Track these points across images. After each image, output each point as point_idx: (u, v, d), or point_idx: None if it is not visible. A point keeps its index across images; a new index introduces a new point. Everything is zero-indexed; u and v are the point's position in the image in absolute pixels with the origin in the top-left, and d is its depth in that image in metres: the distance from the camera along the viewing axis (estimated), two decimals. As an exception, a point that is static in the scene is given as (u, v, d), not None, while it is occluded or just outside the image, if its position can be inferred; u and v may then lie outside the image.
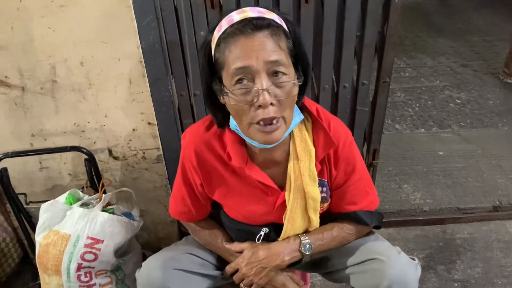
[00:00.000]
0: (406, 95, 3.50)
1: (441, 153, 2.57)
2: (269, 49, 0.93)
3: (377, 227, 1.30)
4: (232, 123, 1.08)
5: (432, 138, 2.79)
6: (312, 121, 1.16)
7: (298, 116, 1.09)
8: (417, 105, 3.34)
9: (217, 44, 0.97)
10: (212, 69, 1.01)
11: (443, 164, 2.46)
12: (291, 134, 1.13)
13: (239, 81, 0.95)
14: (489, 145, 2.67)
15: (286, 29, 0.99)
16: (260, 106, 0.94)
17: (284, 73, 0.96)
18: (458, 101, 3.38)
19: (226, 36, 0.95)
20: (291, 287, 1.26)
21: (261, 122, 0.97)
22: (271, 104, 0.95)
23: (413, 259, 1.17)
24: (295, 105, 1.06)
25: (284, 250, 1.20)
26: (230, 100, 0.97)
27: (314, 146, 1.14)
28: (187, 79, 1.56)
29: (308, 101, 1.16)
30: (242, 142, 1.13)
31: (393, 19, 1.49)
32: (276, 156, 1.15)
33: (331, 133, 1.13)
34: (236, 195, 1.20)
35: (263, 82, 0.93)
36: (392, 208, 2.12)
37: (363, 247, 1.21)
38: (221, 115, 1.10)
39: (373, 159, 1.81)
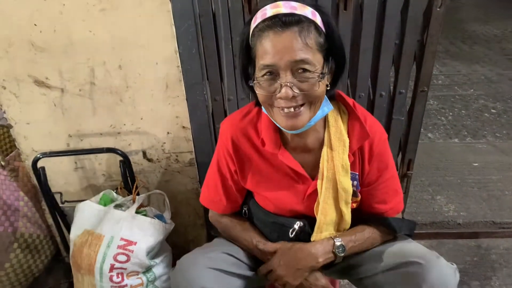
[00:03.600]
0: (439, 103, 3.44)
1: (476, 164, 2.50)
2: (296, 48, 0.97)
3: (408, 235, 1.27)
4: None
5: (466, 149, 2.72)
6: (348, 112, 1.18)
7: (327, 106, 1.10)
8: (451, 114, 3.27)
9: (252, 35, 1.03)
10: (249, 54, 1.06)
11: (478, 176, 2.39)
12: (326, 123, 1.16)
13: (266, 74, 1.01)
14: (526, 157, 2.58)
15: (320, 22, 1.01)
16: (281, 98, 1.00)
17: (309, 70, 0.99)
18: (494, 110, 3.29)
19: (258, 30, 1.00)
20: (323, 281, 1.23)
21: (284, 110, 1.02)
22: (293, 97, 0.99)
23: (452, 264, 1.14)
24: (325, 95, 1.08)
25: (317, 252, 1.19)
26: (256, 88, 1.04)
27: (349, 137, 1.15)
28: (222, 84, 1.56)
29: (345, 95, 1.18)
30: (276, 129, 1.16)
31: (433, 27, 1.46)
32: (309, 143, 1.16)
33: (367, 126, 1.14)
34: (268, 183, 1.21)
35: (286, 77, 0.98)
36: (425, 220, 2.08)
37: (398, 250, 1.19)
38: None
39: (407, 170, 1.77)
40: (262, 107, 1.12)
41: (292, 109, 1.02)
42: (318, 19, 1.01)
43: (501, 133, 2.95)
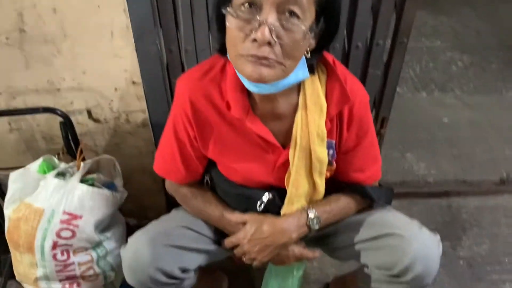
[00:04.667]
0: (406, 56, 3.32)
1: (446, 120, 2.43)
2: None
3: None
4: None
5: (435, 103, 2.64)
6: (327, 71, 1.01)
7: (302, 71, 0.94)
8: (418, 66, 3.17)
9: None
10: None
11: (448, 132, 2.32)
12: (301, 84, 0.99)
13: (246, 3, 0.82)
14: (494, 112, 2.53)
15: None
16: (255, 40, 0.81)
17: (298, 16, 0.82)
18: (460, 63, 3.22)
19: None
20: (296, 251, 1.13)
21: (251, 58, 0.83)
22: (269, 43, 0.81)
23: (435, 234, 1.07)
24: (304, 59, 0.92)
25: (290, 227, 1.08)
26: (229, 19, 0.85)
27: (327, 100, 1.00)
28: (178, 32, 1.35)
29: (324, 51, 1.00)
30: (244, 90, 0.97)
31: (417, -31, 1.29)
32: (281, 108, 1.00)
33: (347, 88, 0.99)
34: (233, 152, 1.06)
35: (269, 15, 0.81)
36: (395, 179, 2.00)
37: (377, 221, 1.10)
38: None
39: (381, 127, 1.66)
40: (228, 57, 0.92)
41: (261, 58, 0.83)
42: None
43: (469, 87, 2.88)
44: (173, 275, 1.05)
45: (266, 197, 1.10)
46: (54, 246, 1.24)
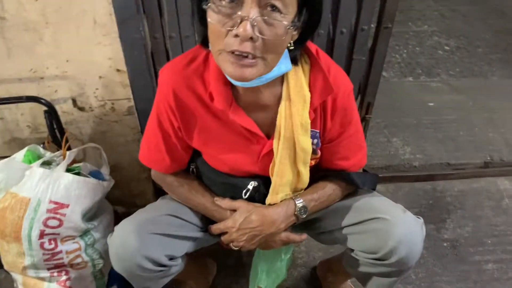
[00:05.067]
0: (393, 40, 3.32)
1: (431, 104, 2.45)
2: None
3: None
4: None
5: (421, 88, 2.66)
6: (311, 62, 1.01)
7: (285, 64, 0.94)
8: (405, 51, 3.18)
9: None
10: None
11: (434, 116, 2.34)
12: (285, 75, 0.99)
13: None
14: (480, 96, 2.55)
15: None
16: (237, 35, 0.80)
17: (280, 11, 0.81)
18: (447, 48, 3.23)
19: None
20: (283, 236, 1.15)
21: (235, 53, 0.82)
22: (251, 39, 0.80)
23: (419, 218, 1.09)
24: (286, 52, 0.92)
25: (279, 217, 1.09)
26: (210, 14, 0.83)
27: (310, 91, 1.00)
28: (162, 19, 1.33)
29: (307, 42, 1.00)
30: (227, 81, 0.96)
31: (401, -46, 1.29)
32: (264, 99, 1.00)
33: (330, 78, 0.99)
34: (218, 142, 1.06)
35: (250, 10, 0.79)
36: (381, 163, 2.02)
37: (362, 205, 1.12)
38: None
39: (366, 113, 1.67)
40: (210, 50, 0.92)
41: (243, 59, 0.83)
42: None
43: (455, 71, 2.91)
44: (160, 262, 1.06)
45: (251, 185, 1.10)
46: (41, 235, 1.24)
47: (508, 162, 2.05)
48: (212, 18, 0.83)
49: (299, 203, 1.09)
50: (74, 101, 1.44)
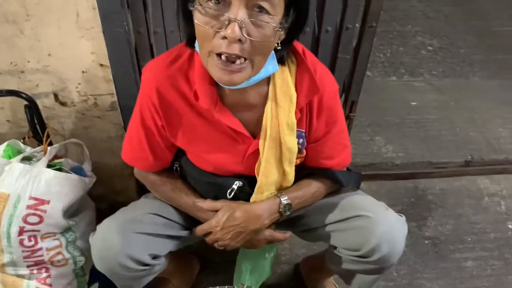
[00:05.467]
0: (377, 40, 3.33)
1: (414, 103, 2.47)
2: None
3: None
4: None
5: (404, 87, 2.68)
6: (297, 62, 1.01)
7: (272, 65, 0.94)
8: (389, 50, 3.20)
9: None
10: None
11: (416, 116, 2.36)
12: (271, 75, 0.98)
13: (213, 0, 0.80)
14: (461, 96, 2.58)
15: None
16: (225, 37, 0.80)
17: (268, 12, 0.80)
18: (430, 48, 3.27)
19: None
20: (267, 234, 1.15)
21: (223, 57, 0.82)
22: (239, 40, 0.80)
23: (401, 216, 1.10)
24: (273, 53, 0.91)
25: (263, 213, 1.09)
26: (196, 15, 0.83)
27: (297, 91, 1.00)
28: (146, 13, 1.32)
29: (294, 41, 0.99)
30: (212, 81, 0.96)
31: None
32: (250, 98, 1.00)
33: (317, 78, 0.99)
34: (203, 142, 1.05)
35: (238, 12, 0.79)
36: (363, 161, 2.04)
37: (345, 203, 1.13)
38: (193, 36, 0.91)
39: (350, 112, 1.68)
40: (196, 48, 0.91)
41: (231, 65, 0.83)
42: None
43: (437, 71, 2.94)
44: (143, 262, 1.05)
45: (236, 185, 1.10)
46: (21, 231, 1.22)
47: (488, 161, 2.09)
48: (198, 20, 0.82)
49: (284, 200, 1.08)
50: (55, 96, 1.42)
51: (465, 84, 2.78)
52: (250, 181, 1.10)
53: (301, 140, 1.07)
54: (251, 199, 1.10)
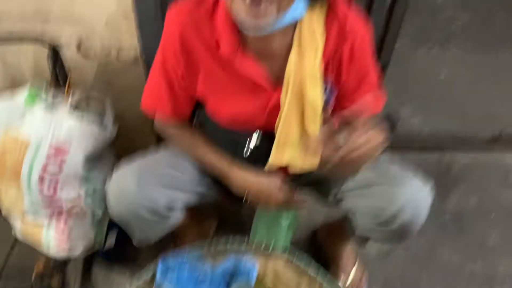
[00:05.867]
0: (407, 12, 3.25)
1: (441, 77, 2.40)
2: None
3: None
4: None
5: (433, 61, 2.62)
6: (328, 8, 0.94)
7: (300, 10, 0.89)
8: (418, 23, 3.10)
9: None
10: None
11: (444, 89, 2.30)
12: (298, 22, 0.93)
13: None
14: (491, 71, 2.50)
15: None
16: None
17: None
18: (460, 22, 3.16)
19: None
20: (293, 199, 1.16)
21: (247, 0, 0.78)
22: None
23: (426, 185, 1.05)
24: None
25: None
26: None
27: (325, 39, 0.94)
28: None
29: None
30: (235, 27, 0.92)
31: None
32: (275, 46, 0.95)
33: (347, 25, 0.93)
34: (222, 90, 1.02)
35: None
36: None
37: (370, 169, 1.06)
38: None
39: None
40: None
41: (257, 7, 0.79)
42: None
43: (468, 45, 2.85)
44: (159, 206, 1.04)
45: (255, 137, 1.06)
46: (41, 180, 1.21)
47: (516, 137, 2.02)
48: None
49: None
50: (78, 47, 1.39)
51: (495, 60, 2.69)
52: (268, 139, 1.06)
53: (325, 96, 1.01)
54: (270, 158, 1.06)
